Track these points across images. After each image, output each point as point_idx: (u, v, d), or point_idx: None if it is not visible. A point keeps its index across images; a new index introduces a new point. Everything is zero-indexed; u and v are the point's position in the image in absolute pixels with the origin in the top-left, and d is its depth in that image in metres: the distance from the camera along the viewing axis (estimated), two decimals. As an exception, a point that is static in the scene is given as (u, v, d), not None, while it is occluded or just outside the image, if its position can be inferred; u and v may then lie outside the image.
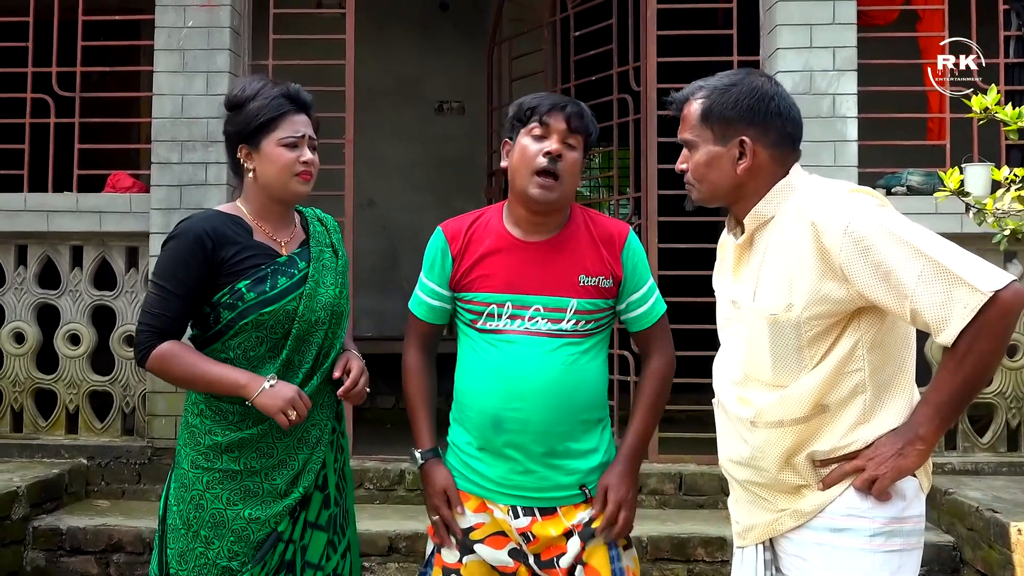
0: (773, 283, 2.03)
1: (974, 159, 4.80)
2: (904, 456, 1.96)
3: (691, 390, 5.83)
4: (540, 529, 2.41)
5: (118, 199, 5.16)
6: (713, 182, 2.11)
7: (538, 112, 2.38)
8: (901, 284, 1.89)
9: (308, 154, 2.47)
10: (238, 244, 2.43)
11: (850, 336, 1.99)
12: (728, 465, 2.18)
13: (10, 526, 4.32)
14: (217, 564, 2.40)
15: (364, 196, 7.54)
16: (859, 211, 1.95)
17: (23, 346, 5.20)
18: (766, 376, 2.05)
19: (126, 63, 5.77)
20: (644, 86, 5.19)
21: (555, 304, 2.39)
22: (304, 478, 2.47)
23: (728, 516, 4.56)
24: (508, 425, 2.38)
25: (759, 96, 2.07)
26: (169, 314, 2.41)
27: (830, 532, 2.00)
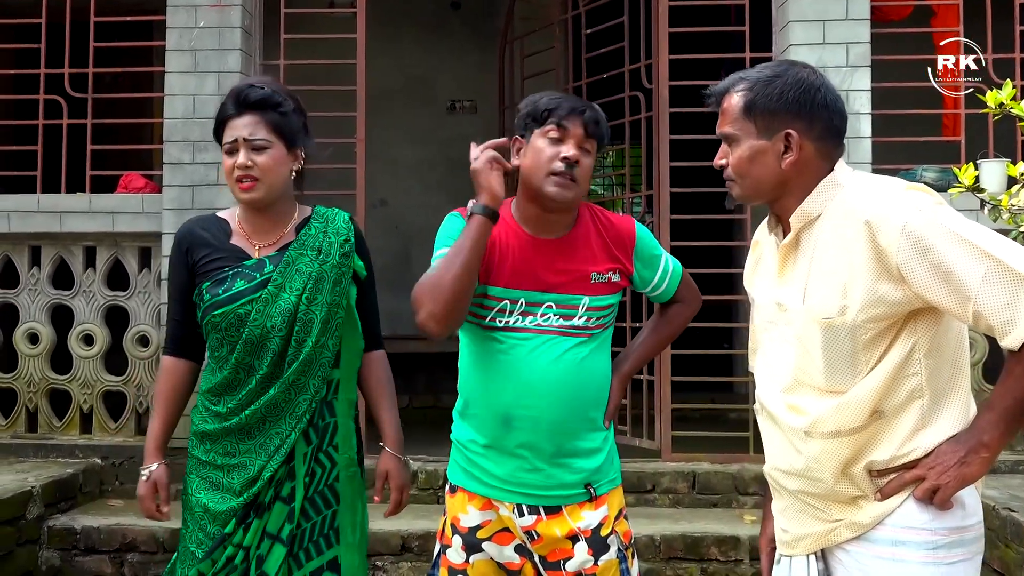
0: (825, 285, 1.94)
1: (989, 155, 4.77)
2: (967, 464, 1.87)
3: (705, 389, 5.83)
4: (545, 528, 2.40)
5: (130, 200, 5.18)
6: (756, 178, 2.02)
7: (557, 115, 2.35)
8: (963, 285, 1.81)
9: (241, 158, 2.41)
10: (210, 247, 2.50)
11: (907, 339, 1.91)
12: (776, 475, 2.08)
13: (25, 526, 4.34)
14: (188, 548, 2.47)
15: (376, 196, 7.54)
16: (917, 209, 1.86)
17: (37, 346, 5.22)
18: (819, 382, 1.96)
19: (140, 64, 5.79)
20: (656, 83, 5.17)
21: (567, 302, 2.38)
22: (260, 486, 2.43)
23: (741, 516, 4.57)
24: (519, 423, 2.36)
25: (805, 87, 1.99)
26: (176, 318, 2.56)
27: (891, 545, 1.92)
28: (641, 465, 4.87)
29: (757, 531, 4.21)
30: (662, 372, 5.06)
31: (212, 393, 2.49)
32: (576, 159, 2.34)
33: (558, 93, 2.48)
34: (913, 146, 5.11)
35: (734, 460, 4.89)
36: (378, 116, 6.65)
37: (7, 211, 5.18)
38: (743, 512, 4.64)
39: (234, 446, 2.46)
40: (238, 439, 2.46)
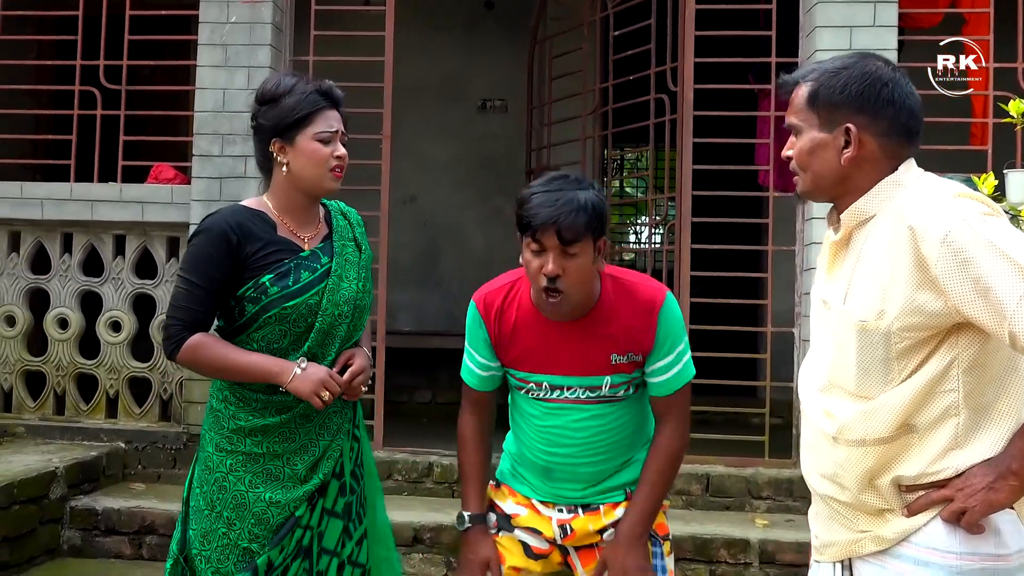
0: (866, 287, 1.89)
1: (1016, 165, 4.72)
2: (996, 491, 1.80)
3: (726, 392, 5.81)
4: (580, 524, 2.48)
5: (160, 190, 5.28)
6: (816, 172, 1.97)
7: (531, 229, 2.26)
8: (1001, 303, 1.72)
9: (341, 149, 2.53)
10: (262, 239, 2.46)
11: (945, 353, 1.83)
12: (810, 477, 2.05)
13: (48, 505, 4.45)
14: (238, 545, 2.44)
15: (406, 192, 7.62)
16: (962, 219, 1.78)
17: (67, 332, 5.34)
18: (850, 385, 1.92)
19: (177, 57, 5.90)
20: (681, 86, 5.18)
21: (589, 383, 2.41)
22: (323, 465, 2.52)
23: (753, 519, 4.57)
24: (558, 473, 2.49)
25: (871, 81, 1.92)
26: (197, 307, 2.44)
27: (914, 564, 1.86)
28: (655, 466, 4.89)
29: (768, 535, 4.25)
30: (679, 374, 5.06)
31: (273, 385, 2.45)
32: (555, 273, 2.26)
33: (543, 190, 2.31)
34: (941, 155, 5.07)
35: (748, 464, 4.89)
36: (409, 112, 6.72)
37: (41, 199, 5.31)
38: (755, 516, 4.64)
39: (293, 432, 2.49)
40: (298, 424, 2.49)
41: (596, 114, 6.25)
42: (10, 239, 5.45)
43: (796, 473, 4.76)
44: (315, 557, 2.51)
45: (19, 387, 5.36)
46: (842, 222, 1.97)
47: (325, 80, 2.58)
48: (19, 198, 5.33)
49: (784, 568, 4.22)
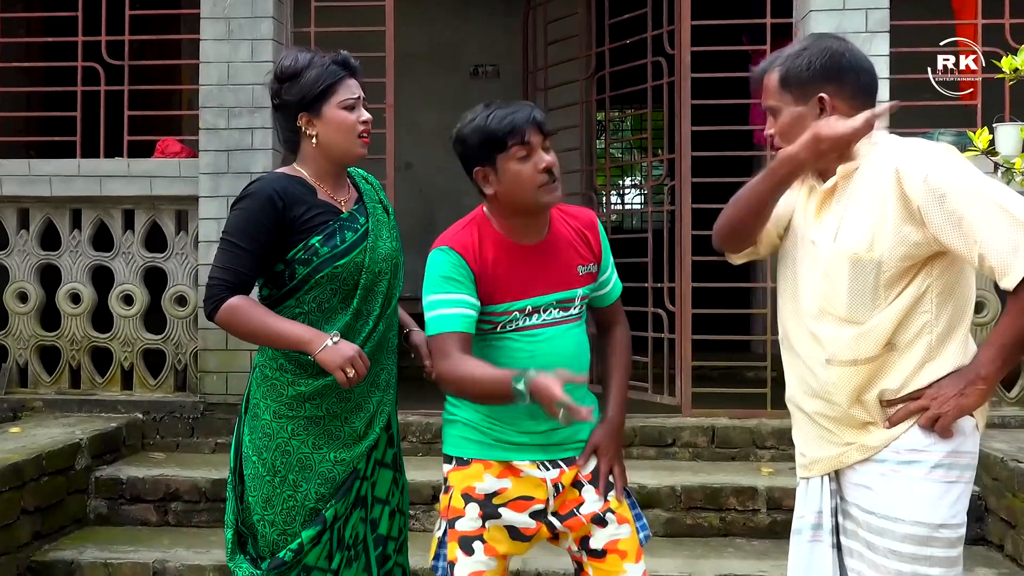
0: (856, 225, 2.19)
1: (1005, 119, 4.86)
2: (966, 396, 2.14)
3: (724, 347, 5.99)
4: (567, 479, 2.52)
5: (168, 164, 5.35)
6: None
7: (516, 135, 2.39)
8: (972, 230, 2.06)
9: (365, 114, 2.64)
10: (306, 203, 2.57)
11: (922, 280, 2.16)
12: (797, 398, 2.35)
13: (74, 476, 4.56)
14: (305, 506, 2.56)
15: (401, 159, 7.69)
16: (939, 162, 2.13)
17: (79, 306, 5.42)
18: (841, 311, 2.21)
19: (165, 31, 5.93)
20: (678, 49, 5.27)
21: (566, 296, 2.53)
22: (378, 420, 2.65)
23: (759, 468, 4.75)
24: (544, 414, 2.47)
25: (831, 54, 2.24)
26: (242, 269, 2.53)
27: (895, 464, 2.19)
28: (662, 420, 5.05)
29: (774, 483, 4.42)
30: (683, 331, 5.21)
31: None
32: (552, 164, 2.43)
33: (491, 110, 2.45)
34: (931, 110, 5.20)
35: (751, 416, 5.06)
36: (403, 80, 6.77)
37: (48, 175, 5.36)
38: (760, 465, 4.81)
39: (348, 392, 2.57)
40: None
41: (592, 78, 6.33)
42: (19, 216, 5.50)
43: (798, 423, 4.93)
44: (369, 506, 2.66)
45: (34, 362, 5.44)
46: (838, 173, 2.26)
47: (340, 51, 2.68)
48: (27, 175, 5.38)
49: (790, 513, 4.30)
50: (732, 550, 4.26)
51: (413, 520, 4.49)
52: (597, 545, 2.53)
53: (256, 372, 2.66)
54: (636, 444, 4.94)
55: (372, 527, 2.66)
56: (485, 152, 2.43)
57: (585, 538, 2.54)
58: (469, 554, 2.48)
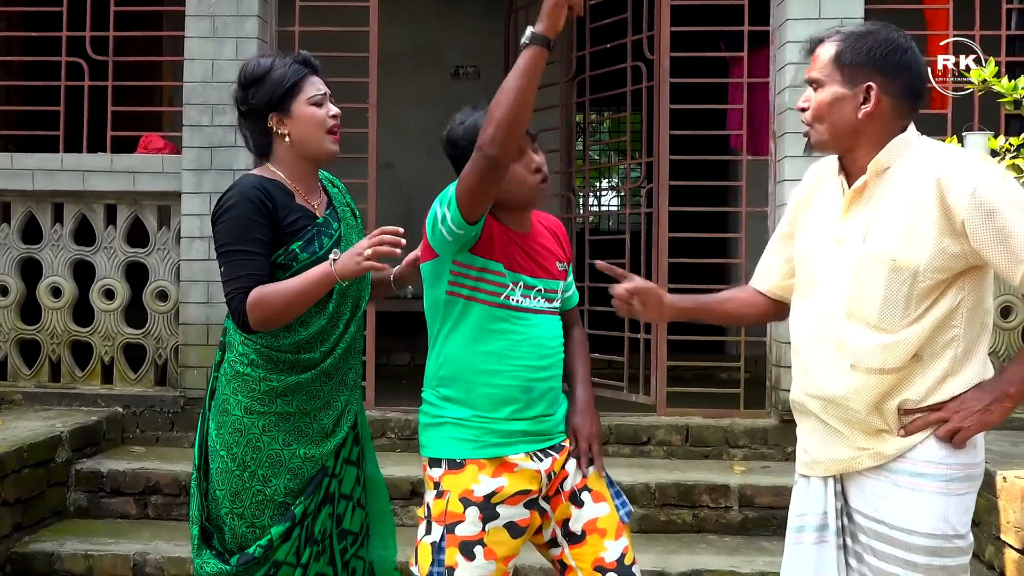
0: (891, 230, 2.15)
1: (974, 128, 4.98)
2: (990, 412, 2.12)
3: (699, 348, 6.09)
4: (558, 465, 2.58)
5: (151, 160, 5.38)
6: (833, 123, 2.22)
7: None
8: (1019, 248, 2.06)
9: (334, 108, 2.66)
10: (288, 207, 2.59)
11: (956, 294, 2.14)
12: (807, 400, 2.31)
13: (55, 468, 4.58)
14: (274, 500, 2.58)
15: (381, 158, 7.73)
16: (988, 176, 2.09)
17: (60, 300, 5.44)
18: (871, 317, 2.17)
19: (147, 28, 5.95)
20: (657, 54, 5.37)
21: (551, 286, 2.61)
22: (345, 418, 2.69)
23: (731, 466, 4.84)
24: (536, 392, 2.55)
25: (893, 47, 2.19)
26: (257, 272, 2.52)
27: (909, 476, 2.16)
28: (637, 419, 5.14)
29: (746, 480, 4.52)
30: (658, 332, 5.30)
31: (300, 346, 2.59)
32: (542, 164, 2.54)
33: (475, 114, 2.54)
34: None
35: (725, 415, 5.16)
36: (384, 80, 6.82)
37: (31, 169, 5.38)
38: (733, 463, 4.91)
39: (318, 389, 2.63)
40: (321, 382, 2.63)
41: (572, 81, 6.42)
42: (1, 210, 5.52)
43: (770, 423, 5.04)
44: (336, 502, 2.70)
45: (14, 355, 5.46)
46: (868, 171, 2.21)
47: (300, 51, 2.73)
48: (9, 169, 5.40)
49: (762, 510, 4.50)
50: (704, 546, 4.35)
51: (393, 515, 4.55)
52: (576, 528, 2.55)
53: (224, 367, 2.65)
54: (612, 442, 5.02)
55: (337, 522, 2.70)
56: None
57: (566, 521, 2.57)
58: (470, 559, 2.46)
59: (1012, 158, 3.90)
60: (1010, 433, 4.79)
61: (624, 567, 2.55)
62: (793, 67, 4.94)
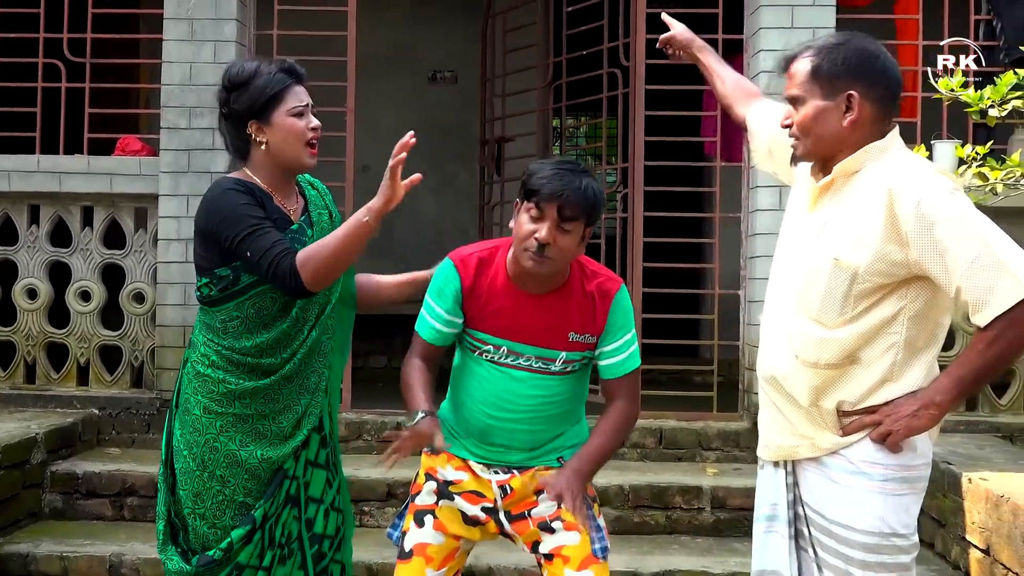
0: (842, 230, 2.22)
1: (942, 136, 5.07)
2: (918, 418, 2.19)
3: (673, 352, 6.15)
4: (518, 483, 2.64)
5: (128, 162, 5.38)
6: (819, 135, 2.27)
7: (538, 196, 2.47)
8: (955, 263, 2.09)
9: (314, 121, 2.66)
10: (269, 210, 2.60)
11: (896, 302, 2.19)
12: (761, 379, 2.43)
13: (30, 470, 4.58)
14: (234, 500, 2.59)
15: (359, 162, 7.77)
16: (935, 190, 2.14)
17: (36, 302, 5.43)
18: (811, 310, 2.26)
19: (124, 30, 5.95)
20: (633, 61, 5.44)
21: (546, 355, 2.61)
22: (306, 421, 2.66)
23: (704, 468, 4.91)
24: (496, 436, 2.64)
25: (868, 54, 2.25)
26: (279, 237, 2.52)
27: (847, 474, 2.25)
28: (612, 421, 5.19)
29: (718, 482, 4.59)
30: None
31: (262, 349, 2.60)
32: (547, 241, 2.46)
33: (555, 168, 2.52)
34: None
35: (698, 418, 5.22)
36: (362, 83, 6.86)
37: (7, 171, 5.37)
38: (706, 465, 4.97)
39: (277, 392, 2.61)
40: (281, 386, 2.62)
41: (549, 87, 6.48)
42: (-24, 211, 5.51)
43: (743, 426, 5.12)
44: (303, 505, 2.68)
45: (-12, 357, 5.45)
46: (833, 172, 2.28)
47: (286, 59, 2.73)
48: (-16, 170, 5.39)
49: (734, 511, 4.56)
50: (677, 547, 4.41)
51: (366, 516, 4.58)
52: (546, 550, 2.63)
53: (188, 367, 2.67)
54: (586, 444, 5.07)
55: (307, 526, 2.69)
56: (522, 191, 2.54)
57: (536, 543, 2.65)
58: (420, 526, 2.66)
59: (978, 167, 3.99)
60: (976, 436, 4.90)
61: None
62: (766, 75, 5.01)
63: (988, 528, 3.67)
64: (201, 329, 2.67)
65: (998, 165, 3.73)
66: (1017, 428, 5.04)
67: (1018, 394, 5.20)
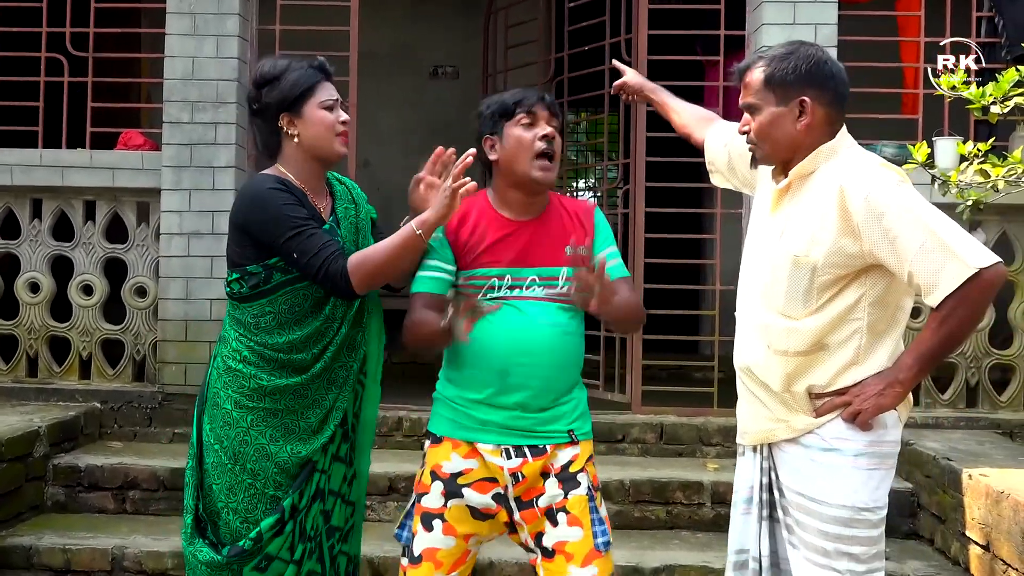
0: (800, 229, 2.36)
1: (944, 133, 5.08)
2: (884, 396, 2.34)
3: (673, 348, 6.16)
4: (530, 469, 2.60)
5: (131, 156, 5.39)
6: (776, 140, 2.41)
7: (525, 104, 2.63)
8: (904, 250, 2.24)
9: (344, 115, 2.74)
10: (305, 205, 2.65)
11: (857, 289, 2.34)
12: (738, 370, 2.55)
13: (32, 463, 4.59)
14: (265, 494, 2.64)
15: (360, 157, 7.78)
16: (881, 183, 2.29)
17: (38, 295, 5.44)
18: (778, 305, 2.40)
19: (126, 24, 5.96)
20: (635, 57, 5.43)
21: (549, 273, 2.64)
22: (333, 416, 2.71)
23: (705, 464, 4.93)
24: (514, 378, 2.59)
25: (816, 60, 2.38)
26: (326, 240, 2.59)
27: (820, 451, 2.39)
28: (613, 417, 5.20)
29: (719, 478, 4.60)
30: (634, 332, 5.37)
31: (293, 345, 2.64)
32: (552, 135, 2.63)
33: (510, 90, 2.75)
34: (875, 123, 5.42)
35: (699, 414, 5.23)
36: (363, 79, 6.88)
37: (10, 165, 5.37)
38: (706, 461, 4.99)
39: (306, 388, 2.66)
40: (311, 382, 2.66)
41: (551, 83, 6.48)
42: (-21, 205, 5.52)
43: (743, 421, 5.12)
44: (325, 498, 2.72)
45: (-9, 350, 5.46)
46: (789, 175, 2.43)
47: (316, 56, 2.79)
48: (-13, 165, 5.39)
49: (734, 507, 4.57)
50: (678, 542, 4.42)
51: (368, 510, 4.58)
52: (548, 544, 2.61)
53: (218, 361, 2.72)
54: (587, 439, 5.09)
55: (326, 518, 2.73)
56: (494, 119, 2.66)
57: (540, 534, 2.63)
58: (429, 530, 2.62)
59: (979, 163, 4.01)
60: (976, 433, 4.91)
61: None
62: (768, 72, 5.01)
63: (988, 524, 3.68)
64: (232, 324, 2.71)
65: (1000, 162, 3.75)
66: (1017, 424, 5.05)
67: (1018, 391, 5.21)
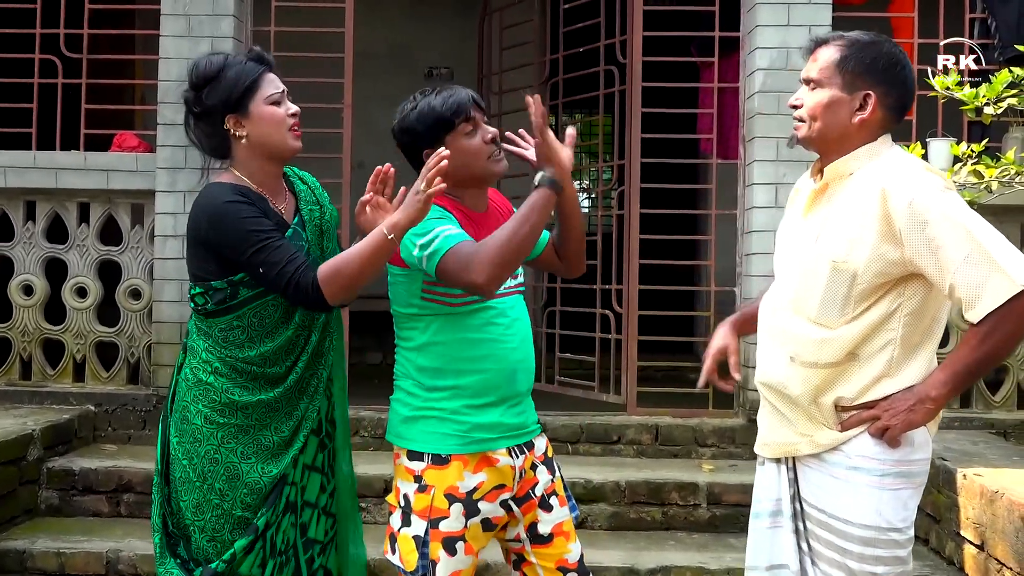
0: (839, 233, 2.26)
1: (937, 134, 5.09)
2: (914, 412, 2.23)
3: (668, 348, 6.17)
4: (528, 463, 2.62)
5: (125, 158, 5.38)
6: (827, 124, 2.30)
7: (462, 112, 2.53)
8: (948, 260, 2.13)
9: (293, 107, 2.56)
10: (266, 212, 2.50)
11: (893, 299, 2.23)
12: (759, 384, 2.46)
13: (26, 466, 4.57)
14: (232, 514, 2.52)
15: (354, 158, 7.77)
16: (925, 189, 2.17)
17: (32, 298, 5.43)
18: (811, 312, 2.29)
19: (120, 26, 5.95)
20: (630, 58, 5.44)
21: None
22: (304, 425, 2.60)
23: (700, 465, 4.93)
24: (521, 372, 2.60)
25: (895, 61, 2.28)
26: (293, 251, 2.43)
27: (845, 469, 2.28)
28: (608, 418, 5.21)
29: (714, 479, 4.60)
30: (629, 332, 5.38)
31: (266, 358, 2.53)
32: (496, 135, 2.58)
33: (432, 96, 2.58)
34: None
35: (694, 415, 5.23)
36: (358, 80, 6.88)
37: (3, 167, 5.35)
38: (701, 462, 4.99)
39: (278, 402, 2.56)
40: (283, 394, 2.56)
41: (545, 84, 6.48)
42: (-28, 207, 5.50)
43: (738, 422, 5.13)
44: (299, 510, 2.62)
45: (-16, 353, 5.44)
46: (825, 175, 2.33)
47: (252, 47, 2.65)
48: (-20, 167, 5.38)
49: (730, 507, 4.58)
50: (673, 543, 4.42)
51: (364, 513, 4.57)
52: (544, 530, 2.62)
53: (186, 372, 2.57)
54: (583, 441, 5.10)
55: (302, 531, 2.64)
56: (434, 133, 2.54)
57: (533, 524, 2.63)
58: (452, 554, 2.49)
59: (973, 164, 4.01)
60: (970, 433, 4.92)
61: (582, 567, 2.66)
62: (762, 73, 5.03)
63: (982, 524, 3.69)
64: (199, 336, 2.57)
65: (993, 163, 3.74)
66: (1011, 424, 5.06)
67: (1012, 391, 5.22)
